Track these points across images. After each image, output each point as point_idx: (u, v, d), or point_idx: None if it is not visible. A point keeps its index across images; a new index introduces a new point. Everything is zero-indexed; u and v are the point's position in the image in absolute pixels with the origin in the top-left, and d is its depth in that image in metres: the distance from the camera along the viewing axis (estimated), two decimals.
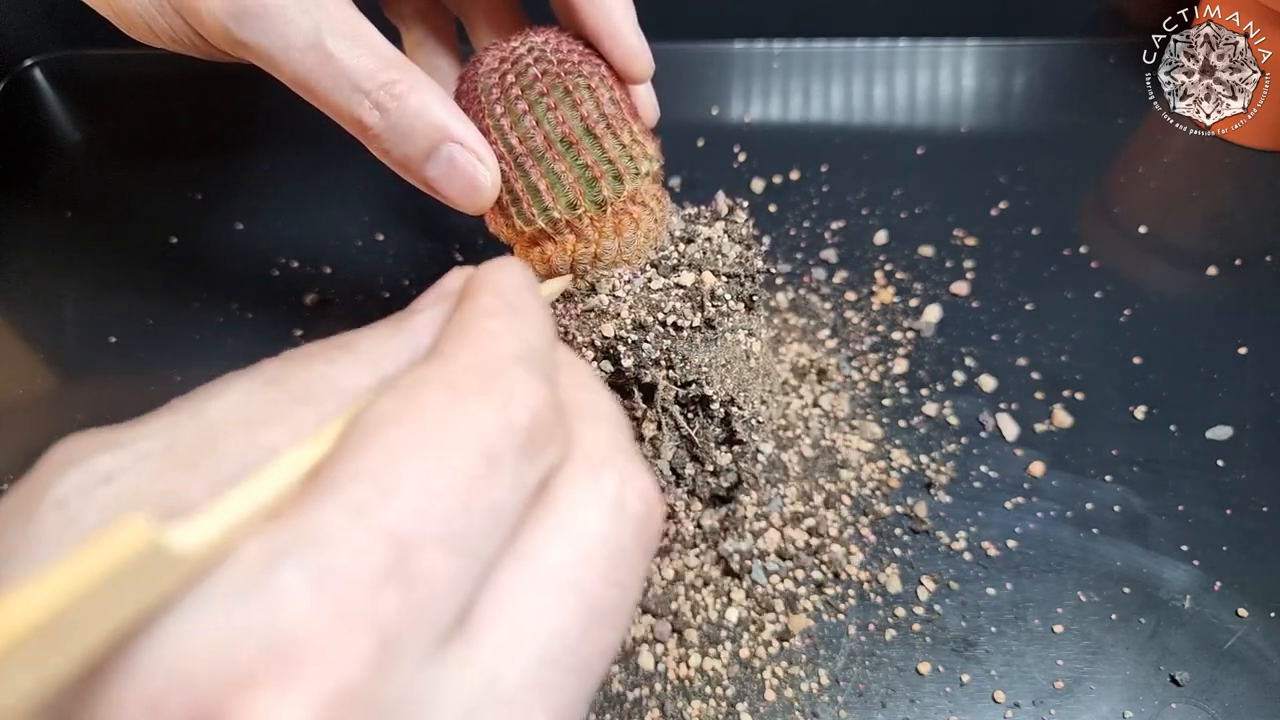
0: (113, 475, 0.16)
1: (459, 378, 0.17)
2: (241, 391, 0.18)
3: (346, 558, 0.14)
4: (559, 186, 0.32)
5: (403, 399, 0.16)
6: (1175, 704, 0.35)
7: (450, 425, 0.16)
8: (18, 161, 0.60)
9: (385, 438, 0.15)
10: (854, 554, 0.40)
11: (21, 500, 0.16)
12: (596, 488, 0.18)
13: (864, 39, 0.63)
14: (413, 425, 0.16)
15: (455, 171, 0.31)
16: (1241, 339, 0.47)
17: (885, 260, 0.51)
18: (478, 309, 0.19)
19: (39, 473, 0.17)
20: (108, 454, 0.16)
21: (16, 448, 0.45)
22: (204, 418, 0.17)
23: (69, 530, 0.15)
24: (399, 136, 0.30)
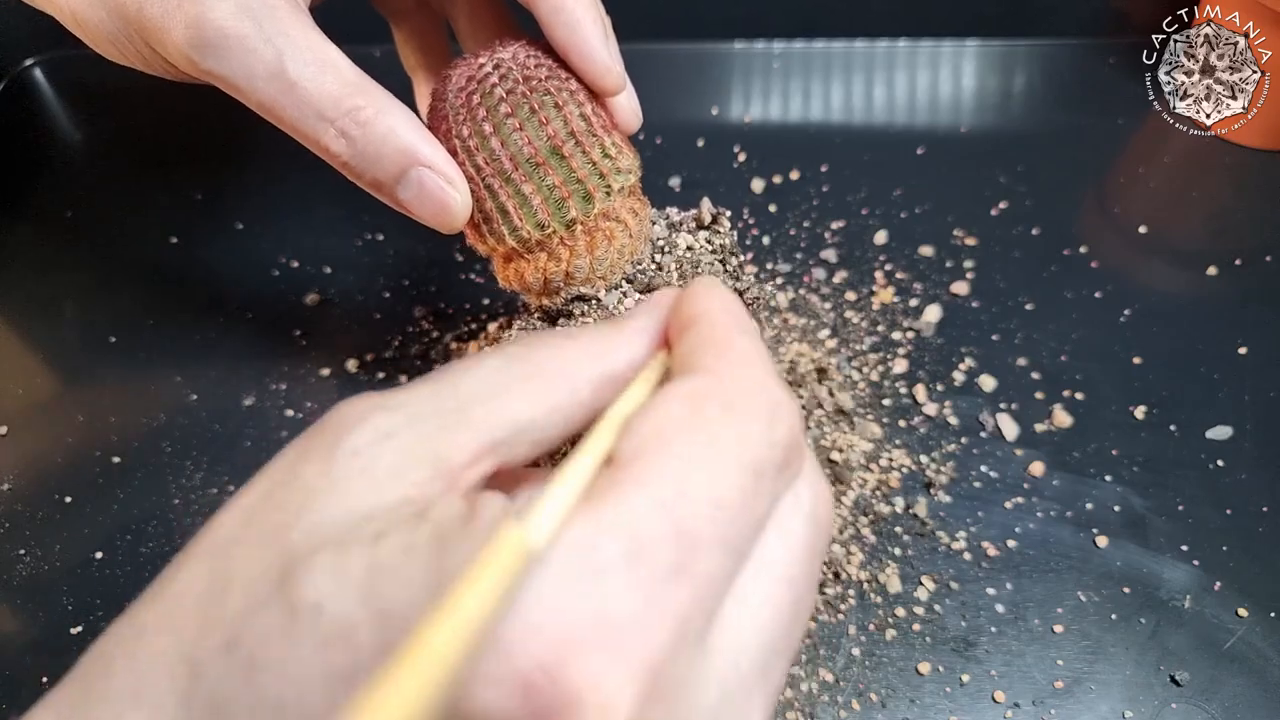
0: (392, 433, 0.19)
1: (733, 394, 0.19)
2: (490, 368, 0.20)
3: (654, 549, 0.16)
4: (526, 207, 0.32)
5: (688, 409, 0.19)
6: (1175, 704, 0.36)
7: (730, 440, 0.18)
8: (18, 161, 0.60)
9: (680, 445, 0.18)
10: (854, 554, 0.40)
11: (312, 446, 0.19)
12: (798, 500, 0.20)
13: (864, 39, 0.63)
14: (701, 437, 0.18)
15: (425, 194, 0.31)
16: (1241, 339, 0.47)
17: (885, 260, 0.51)
18: (724, 325, 0.22)
19: (326, 425, 0.20)
20: (385, 415, 0.19)
21: (17, 447, 0.45)
22: (460, 389, 0.20)
23: (364, 476, 0.18)
24: (367, 162, 0.30)
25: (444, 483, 0.19)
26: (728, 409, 0.19)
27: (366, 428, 0.19)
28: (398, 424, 0.19)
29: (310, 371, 0.47)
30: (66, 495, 0.43)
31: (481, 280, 0.51)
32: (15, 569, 0.41)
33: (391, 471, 0.18)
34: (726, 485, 0.18)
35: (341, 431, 0.19)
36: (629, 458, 0.18)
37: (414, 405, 0.20)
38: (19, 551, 0.41)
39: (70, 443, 0.45)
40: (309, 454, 0.19)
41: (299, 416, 0.46)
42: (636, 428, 0.18)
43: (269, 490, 0.19)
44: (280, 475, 0.19)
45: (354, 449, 0.19)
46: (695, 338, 0.22)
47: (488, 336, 0.48)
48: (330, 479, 0.18)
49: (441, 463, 0.19)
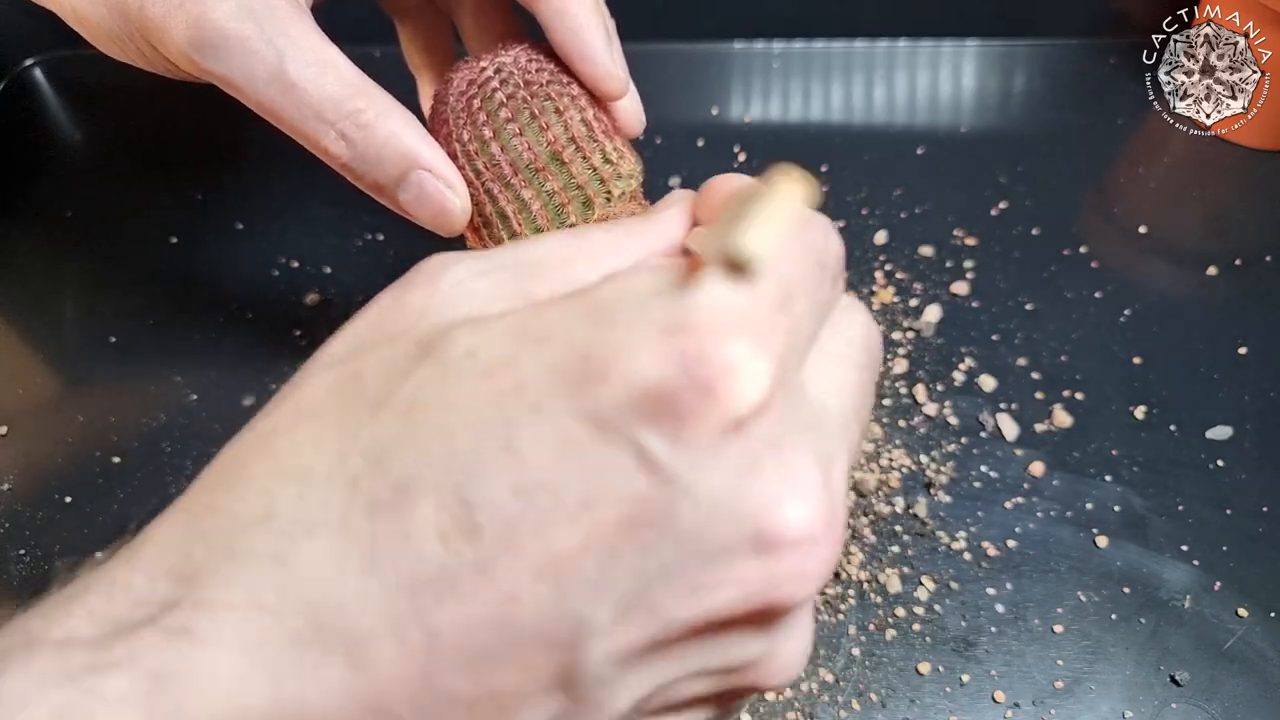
0: (486, 272, 0.20)
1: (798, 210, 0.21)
2: (556, 242, 0.22)
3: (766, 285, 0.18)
4: (526, 213, 0.32)
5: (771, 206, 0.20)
6: (1175, 704, 0.36)
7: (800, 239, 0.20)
8: (18, 161, 0.60)
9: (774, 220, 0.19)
10: (854, 554, 0.40)
11: (418, 280, 0.21)
12: (853, 316, 0.23)
13: (864, 39, 0.63)
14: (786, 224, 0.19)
15: (424, 198, 0.31)
16: (1241, 339, 0.47)
17: (885, 260, 0.51)
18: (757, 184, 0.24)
19: (425, 267, 0.21)
20: (478, 262, 0.21)
21: (17, 448, 0.45)
22: (536, 254, 0.22)
23: (470, 298, 0.20)
24: (367, 165, 0.30)
25: None
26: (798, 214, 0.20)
27: (463, 266, 0.20)
28: (488, 269, 0.21)
29: None
30: (66, 495, 0.43)
31: None
32: (15, 569, 0.41)
33: (492, 298, 0.20)
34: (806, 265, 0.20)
35: (440, 267, 0.21)
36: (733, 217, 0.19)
37: (500, 258, 0.21)
38: (19, 551, 0.41)
39: (70, 443, 0.45)
40: (412, 285, 0.20)
41: None
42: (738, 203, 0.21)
43: (377, 317, 0.21)
44: (387, 302, 0.21)
45: (458, 279, 0.20)
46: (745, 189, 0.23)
47: None
48: (441, 296, 0.20)
49: (530, 297, 0.20)
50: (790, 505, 0.17)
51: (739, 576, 0.17)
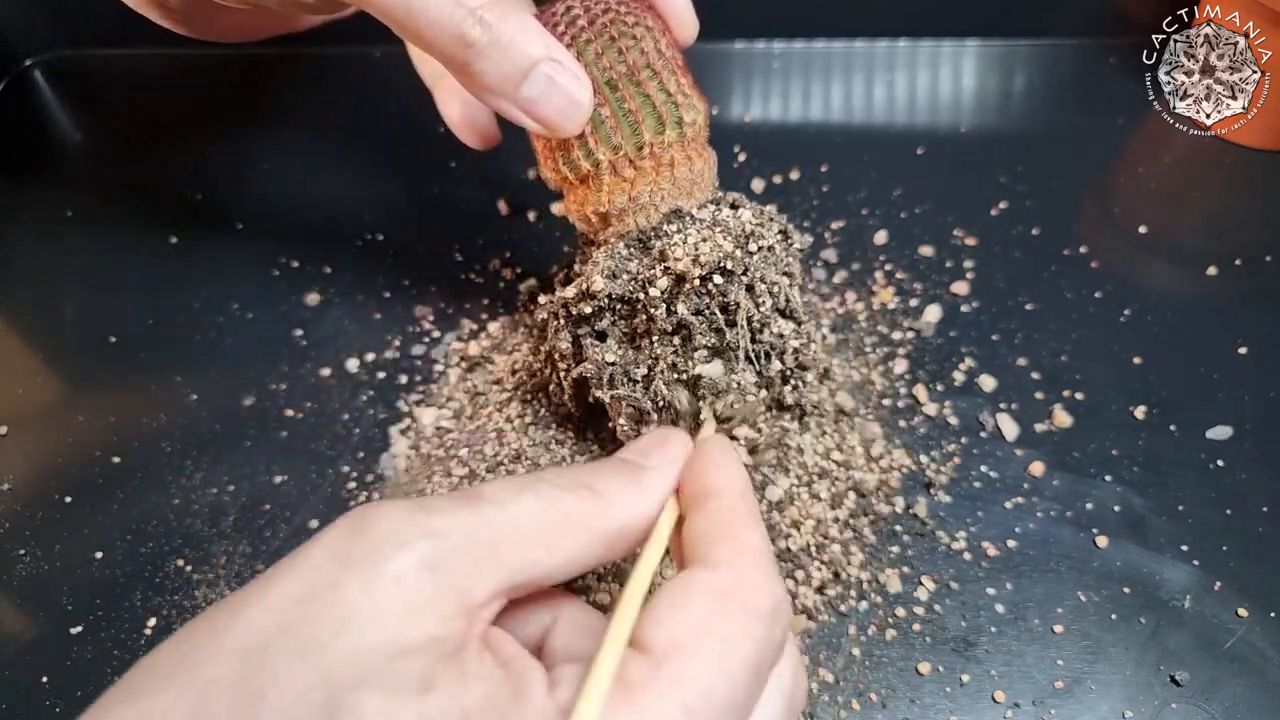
0: (434, 565, 0.21)
1: (748, 597, 0.22)
2: (525, 508, 0.23)
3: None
4: (602, 130, 0.33)
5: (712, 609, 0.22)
6: (1175, 704, 0.36)
7: (743, 645, 0.21)
8: (18, 161, 0.60)
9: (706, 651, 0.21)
10: (854, 554, 0.40)
11: (358, 559, 0.20)
12: (780, 680, 0.24)
13: (864, 39, 0.63)
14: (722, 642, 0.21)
15: (554, 90, 0.32)
16: (1241, 339, 0.47)
17: (885, 260, 0.51)
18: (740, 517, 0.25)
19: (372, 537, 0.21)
20: (428, 542, 0.21)
21: (17, 448, 0.45)
22: (496, 524, 0.22)
23: (403, 606, 0.20)
24: (499, 53, 0.30)
25: (465, 620, 0.21)
26: (743, 609, 0.22)
27: (411, 555, 0.21)
28: (440, 557, 0.21)
29: (310, 371, 0.47)
30: (66, 495, 0.43)
31: (481, 280, 0.51)
32: (15, 569, 0.41)
33: (427, 604, 0.20)
34: (738, 687, 0.21)
35: (386, 550, 0.20)
36: (663, 654, 0.21)
37: (454, 535, 0.21)
38: (19, 551, 0.41)
39: (70, 443, 0.45)
40: (350, 565, 0.20)
41: (299, 416, 0.46)
42: (664, 619, 0.21)
43: (308, 595, 0.20)
44: (320, 581, 0.20)
45: (398, 575, 0.20)
46: (712, 521, 0.25)
47: (488, 336, 0.48)
48: (372, 603, 0.20)
49: (467, 601, 0.21)
50: None
51: None
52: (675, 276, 0.34)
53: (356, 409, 0.46)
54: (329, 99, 0.61)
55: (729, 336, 0.34)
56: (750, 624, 0.22)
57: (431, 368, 0.47)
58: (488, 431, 0.43)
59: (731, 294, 0.34)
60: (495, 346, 0.47)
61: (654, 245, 0.35)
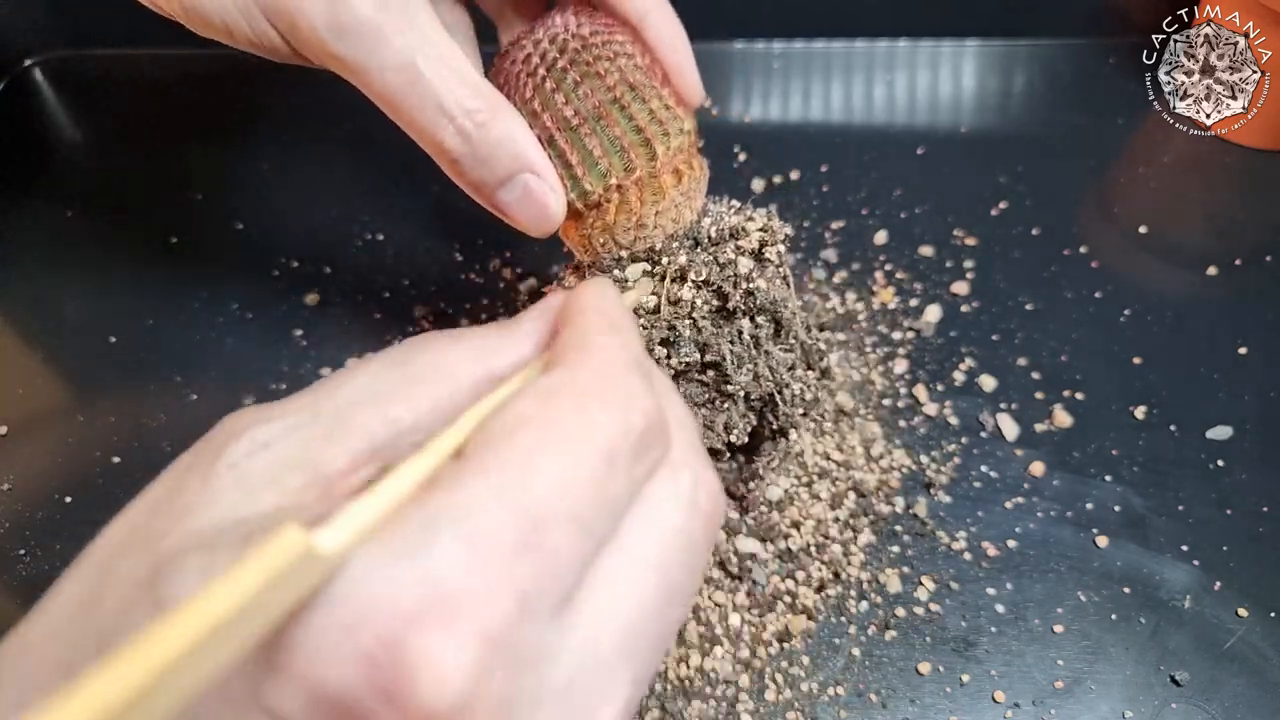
0: (270, 443, 0.20)
1: (587, 386, 0.20)
2: (369, 374, 0.21)
3: (493, 528, 0.17)
4: (589, 161, 0.33)
5: (539, 403, 0.19)
6: (1175, 704, 0.36)
7: (580, 429, 0.19)
8: (18, 161, 0.60)
9: (526, 435, 0.18)
10: (854, 554, 0.40)
11: (197, 460, 0.20)
12: (675, 487, 0.21)
13: (864, 39, 0.63)
14: (549, 427, 0.19)
15: (529, 199, 0.32)
16: (1241, 339, 0.47)
17: (885, 260, 0.51)
18: (589, 325, 0.22)
19: (211, 439, 0.20)
20: (265, 426, 0.20)
21: (18, 448, 0.45)
22: (339, 396, 0.21)
23: (239, 486, 0.19)
24: (478, 162, 0.31)
25: (319, 489, 0.19)
26: (578, 400, 0.19)
27: (244, 439, 0.20)
28: (275, 434, 0.20)
29: (310, 371, 0.47)
30: (66, 495, 0.43)
31: (481, 280, 0.51)
32: (15, 569, 0.41)
33: (266, 480, 0.19)
34: (575, 469, 0.18)
35: (223, 445, 0.20)
36: (473, 451, 0.18)
37: (292, 416, 0.20)
38: (19, 551, 0.41)
39: (70, 443, 0.45)
40: (193, 468, 0.20)
41: None
42: (487, 426, 0.19)
43: (153, 503, 0.20)
44: (163, 489, 0.20)
45: (231, 461, 0.19)
46: (565, 336, 0.22)
47: None
48: (209, 490, 0.19)
49: (317, 470, 0.19)
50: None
51: None
52: (753, 252, 0.34)
53: None
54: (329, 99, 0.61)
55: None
56: (585, 408, 0.19)
57: None
58: None
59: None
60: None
61: (705, 235, 0.35)
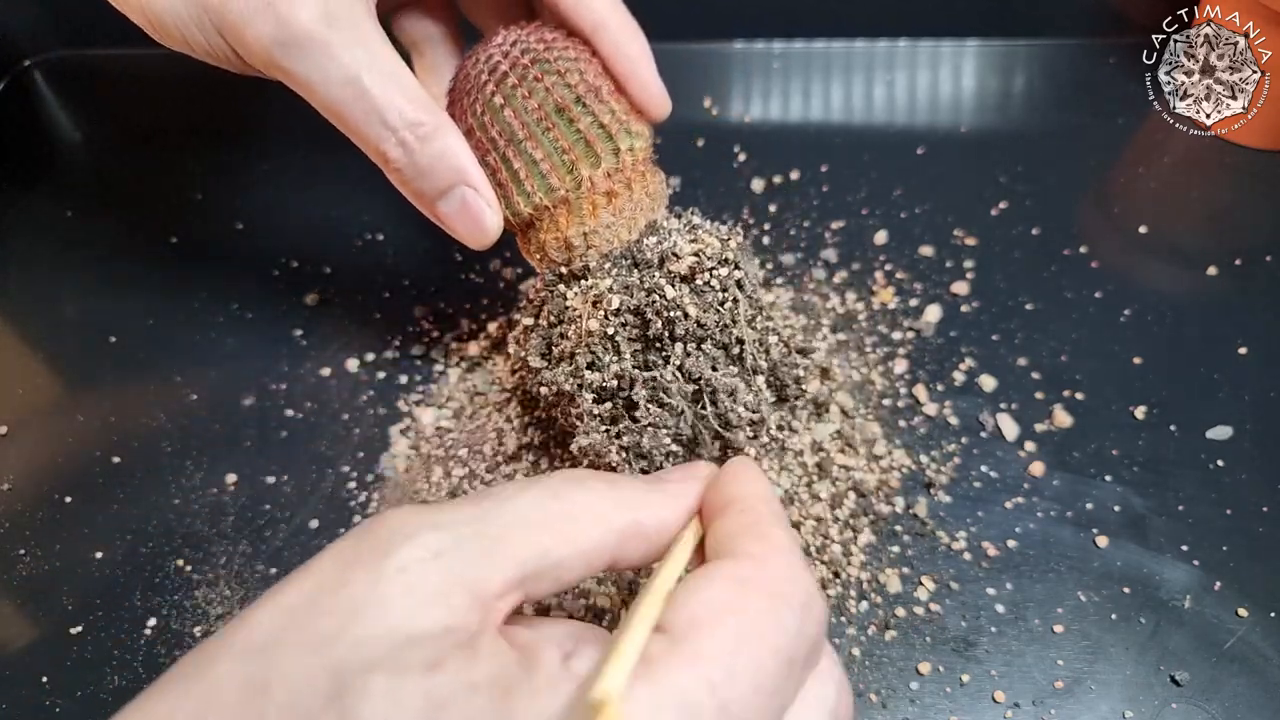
0: (440, 553, 0.20)
1: (776, 584, 0.21)
2: (530, 501, 0.23)
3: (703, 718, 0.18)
4: (536, 171, 0.33)
5: (737, 592, 0.21)
6: (1175, 704, 0.36)
7: (771, 629, 0.20)
8: (18, 161, 0.60)
9: (727, 627, 0.20)
10: (854, 554, 0.40)
11: (364, 557, 0.20)
12: (823, 690, 0.22)
13: (864, 39, 0.63)
14: (746, 622, 0.20)
15: (465, 212, 0.33)
16: (1241, 339, 0.47)
17: (885, 260, 0.51)
18: (762, 516, 0.24)
19: (375, 534, 0.21)
20: (434, 534, 0.21)
21: (18, 448, 0.45)
22: (503, 515, 0.22)
23: (410, 595, 0.19)
24: (417, 173, 0.33)
25: (480, 612, 0.20)
26: (770, 596, 0.21)
27: (416, 545, 0.20)
28: (445, 545, 0.20)
29: (310, 371, 0.47)
30: (66, 495, 0.43)
31: (481, 280, 0.51)
32: (15, 569, 0.41)
33: (436, 594, 0.20)
34: (766, 672, 0.19)
35: (391, 545, 0.20)
36: (682, 632, 0.20)
37: (460, 527, 0.21)
38: (19, 551, 0.41)
39: (70, 443, 0.45)
40: (357, 563, 0.20)
41: (299, 416, 0.46)
42: (686, 602, 0.20)
43: (314, 595, 0.20)
44: (327, 580, 0.20)
45: (402, 565, 0.20)
46: (735, 522, 0.24)
47: (488, 336, 0.48)
48: (378, 593, 0.19)
49: (479, 590, 0.20)
50: None
51: None
52: (683, 277, 0.33)
53: (356, 409, 0.46)
54: None
55: (737, 333, 0.34)
56: (777, 609, 0.21)
57: (431, 368, 0.47)
58: (487, 431, 0.43)
59: (730, 288, 0.33)
60: (495, 346, 0.47)
61: (645, 256, 0.34)
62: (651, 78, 0.36)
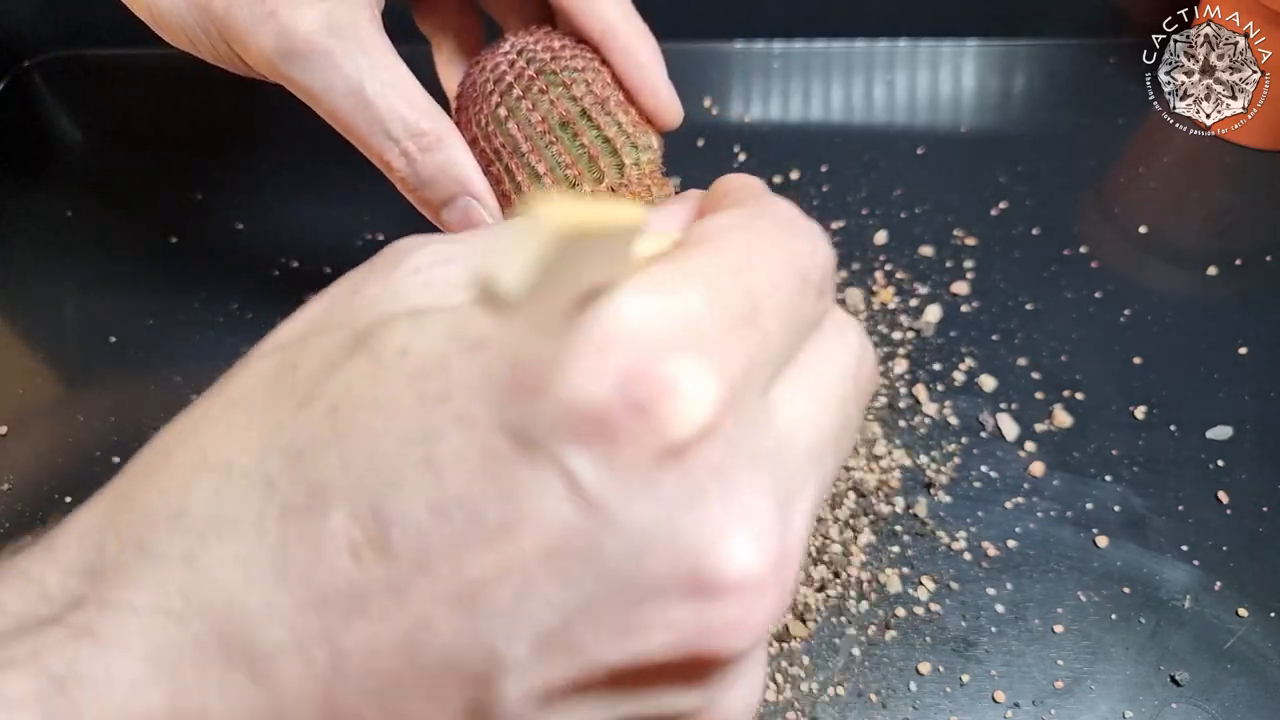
0: (452, 258, 0.19)
1: (782, 217, 0.20)
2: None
3: (728, 295, 0.17)
4: (539, 184, 0.33)
5: (745, 218, 0.20)
6: (1175, 704, 0.36)
7: (782, 245, 0.19)
8: (18, 161, 0.60)
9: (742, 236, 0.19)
10: (854, 554, 0.40)
11: (377, 268, 0.20)
12: (844, 337, 0.22)
13: (864, 39, 0.63)
14: (758, 236, 0.19)
15: (468, 222, 0.33)
16: (1241, 339, 0.47)
17: (885, 260, 0.51)
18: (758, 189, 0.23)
19: (388, 253, 0.20)
20: (447, 244, 0.20)
21: (17, 447, 0.45)
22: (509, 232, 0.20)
23: (425, 289, 0.19)
24: (421, 183, 0.32)
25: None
26: (776, 225, 0.20)
27: (427, 251, 0.20)
28: (457, 252, 0.20)
29: None
30: (66, 495, 0.43)
31: None
32: None
33: (453, 285, 0.19)
34: (781, 275, 0.19)
35: (402, 254, 0.20)
36: (697, 239, 0.19)
37: (472, 240, 0.20)
38: None
39: (70, 443, 0.45)
40: (371, 274, 0.20)
41: None
42: (698, 226, 0.20)
43: (329, 305, 0.20)
44: (342, 292, 0.20)
45: (415, 266, 0.19)
46: (736, 197, 0.23)
47: None
48: (394, 290, 0.19)
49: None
50: (733, 544, 0.15)
51: (670, 621, 0.15)
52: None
53: None
54: None
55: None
56: (786, 233, 0.20)
57: None
58: None
59: None
60: None
61: None
62: (662, 84, 0.35)
